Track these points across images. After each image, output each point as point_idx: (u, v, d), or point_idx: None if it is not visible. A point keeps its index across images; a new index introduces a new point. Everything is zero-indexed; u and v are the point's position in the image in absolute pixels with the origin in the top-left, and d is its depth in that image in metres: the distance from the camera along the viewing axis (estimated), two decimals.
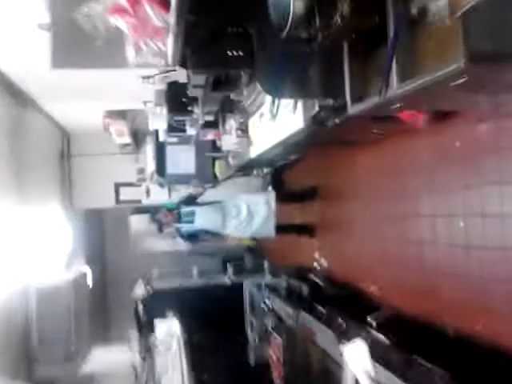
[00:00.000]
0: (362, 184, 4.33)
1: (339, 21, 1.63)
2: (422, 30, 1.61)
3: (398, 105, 1.91)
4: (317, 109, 2.58)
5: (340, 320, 2.92)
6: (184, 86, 4.59)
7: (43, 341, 4.86)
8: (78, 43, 2.70)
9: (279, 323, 3.77)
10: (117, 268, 9.46)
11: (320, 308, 3.42)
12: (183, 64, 2.39)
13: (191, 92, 3.25)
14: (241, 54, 2.36)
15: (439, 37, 1.51)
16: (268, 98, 3.30)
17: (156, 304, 5.28)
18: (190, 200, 5.61)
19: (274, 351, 3.61)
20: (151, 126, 5.70)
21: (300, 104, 2.72)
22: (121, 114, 6.05)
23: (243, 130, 4.38)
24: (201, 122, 4.67)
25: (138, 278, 6.37)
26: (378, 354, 2.48)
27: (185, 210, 5.38)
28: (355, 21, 1.70)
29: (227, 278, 5.50)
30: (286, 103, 2.91)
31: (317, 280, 4.65)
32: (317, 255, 5.66)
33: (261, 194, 5.82)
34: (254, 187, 7.47)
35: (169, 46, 2.04)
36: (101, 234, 9.47)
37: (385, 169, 3.78)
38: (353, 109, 2.08)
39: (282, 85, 2.21)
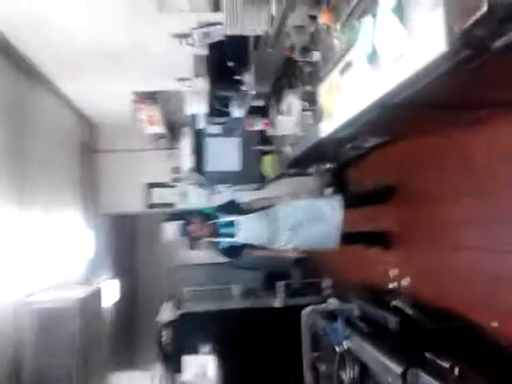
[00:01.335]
0: (482, 177, 3.09)
1: None
2: None
3: None
4: (482, 11, 1.40)
5: None
6: (230, 45, 3.52)
7: (39, 376, 3.73)
8: None
9: (368, 378, 2.55)
10: (148, 282, 8.42)
11: (440, 362, 2.18)
12: None
13: None
14: None
15: None
16: (362, 34, 2.14)
17: (186, 332, 4.15)
18: (231, 207, 4.34)
19: None
20: (188, 110, 4.63)
21: (440, 13, 1.53)
22: (152, 97, 5.00)
23: (311, 101, 3.22)
24: (252, 92, 3.52)
25: (171, 294, 5.27)
26: None
27: (223, 220, 4.20)
28: None
29: (277, 301, 4.29)
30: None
31: (403, 307, 3.40)
32: (394, 272, 4.41)
33: (324, 198, 4.61)
34: (308, 190, 6.29)
35: None
36: (130, 243, 8.45)
37: None
38: None
39: None
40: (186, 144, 5.71)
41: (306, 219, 4.21)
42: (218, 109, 4.46)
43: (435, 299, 3.67)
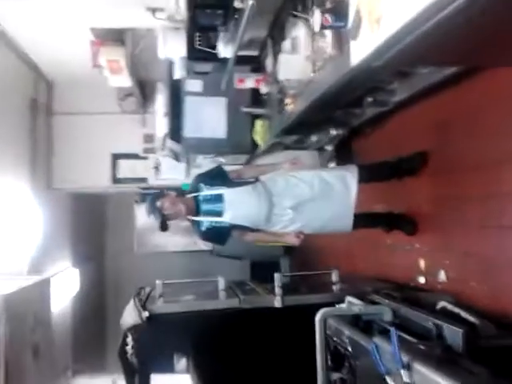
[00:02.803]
0: None
1: None
2: None
3: None
4: None
5: None
6: None
7: None
8: None
9: None
10: (118, 272, 7.36)
11: None
12: None
13: None
14: None
15: None
16: None
17: (156, 341, 3.12)
18: (216, 176, 3.26)
19: None
20: (162, 52, 3.58)
21: None
22: (116, 37, 3.92)
23: (337, 13, 2.20)
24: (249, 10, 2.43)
25: (139, 288, 4.22)
26: None
27: (207, 193, 3.16)
28: None
29: (277, 299, 3.28)
30: None
31: (457, 311, 2.45)
32: (423, 263, 3.47)
33: (334, 169, 3.60)
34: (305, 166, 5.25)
35: None
36: (96, 226, 7.34)
37: None
38: None
39: None
40: (160, 104, 4.66)
41: (313, 195, 3.22)
42: (201, 49, 3.42)
43: (490, 301, 2.75)
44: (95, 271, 6.84)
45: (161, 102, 4.61)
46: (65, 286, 4.99)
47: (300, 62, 2.88)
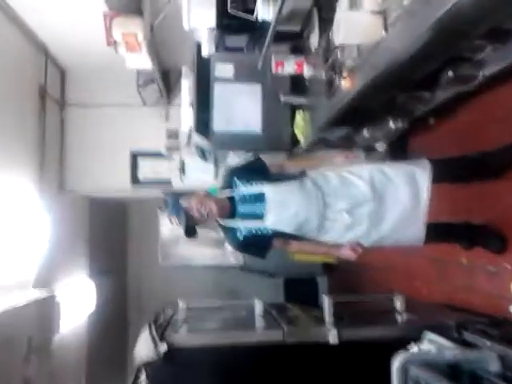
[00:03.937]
0: None
1: None
2: None
3: None
4: None
5: None
6: None
7: None
8: None
9: None
10: (140, 287, 6.70)
11: None
12: None
13: None
14: None
15: None
16: None
17: (176, 382, 2.41)
18: (255, 170, 2.56)
19: None
20: (187, 22, 2.93)
21: None
22: (133, 7, 3.27)
23: None
24: None
25: (157, 312, 3.51)
26: None
27: (244, 190, 2.47)
28: None
29: (332, 334, 2.53)
30: None
31: None
32: None
33: (400, 163, 2.83)
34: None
35: None
36: (118, 235, 6.71)
37: None
38: None
39: None
40: (185, 93, 4.01)
41: (373, 195, 2.49)
42: (234, 15, 2.75)
43: None
44: (115, 285, 6.21)
45: (186, 89, 3.95)
46: (78, 301, 4.36)
47: (365, 18, 2.17)
